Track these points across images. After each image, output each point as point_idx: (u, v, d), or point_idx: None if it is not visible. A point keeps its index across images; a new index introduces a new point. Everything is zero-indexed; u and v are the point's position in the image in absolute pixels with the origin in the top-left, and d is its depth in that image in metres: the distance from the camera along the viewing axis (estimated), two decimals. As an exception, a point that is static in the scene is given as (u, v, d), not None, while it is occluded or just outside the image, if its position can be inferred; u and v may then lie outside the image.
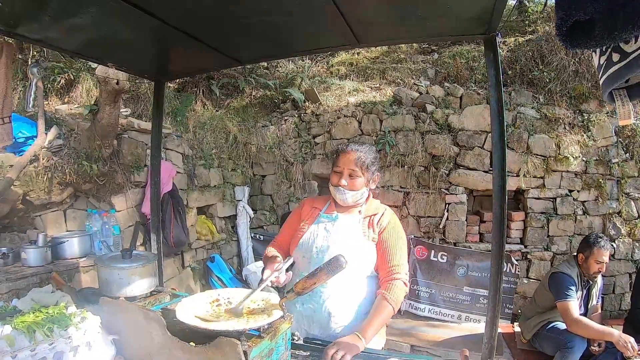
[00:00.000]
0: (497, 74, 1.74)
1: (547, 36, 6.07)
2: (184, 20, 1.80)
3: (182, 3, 1.63)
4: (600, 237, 3.61)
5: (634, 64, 0.98)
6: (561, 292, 3.49)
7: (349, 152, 2.18)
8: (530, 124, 5.32)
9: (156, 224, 2.54)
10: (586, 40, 0.97)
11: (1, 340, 1.28)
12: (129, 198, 4.26)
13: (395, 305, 2.04)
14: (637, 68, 0.99)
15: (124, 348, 1.54)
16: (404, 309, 5.11)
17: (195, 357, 1.33)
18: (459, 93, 5.65)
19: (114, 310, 1.59)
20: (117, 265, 1.91)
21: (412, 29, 1.83)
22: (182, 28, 1.85)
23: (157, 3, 1.63)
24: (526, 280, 5.28)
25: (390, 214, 2.26)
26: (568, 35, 0.99)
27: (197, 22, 1.82)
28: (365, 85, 6.63)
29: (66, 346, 1.39)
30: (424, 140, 5.40)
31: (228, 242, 5.83)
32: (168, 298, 2.06)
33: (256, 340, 1.35)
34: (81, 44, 2.04)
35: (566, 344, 3.43)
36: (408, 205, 5.47)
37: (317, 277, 1.60)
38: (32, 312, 1.51)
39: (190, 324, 1.42)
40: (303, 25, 1.83)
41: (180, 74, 3.04)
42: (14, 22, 1.70)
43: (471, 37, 1.82)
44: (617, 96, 1.08)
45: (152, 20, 1.72)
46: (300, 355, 1.82)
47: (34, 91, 2.10)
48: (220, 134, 5.85)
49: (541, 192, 5.30)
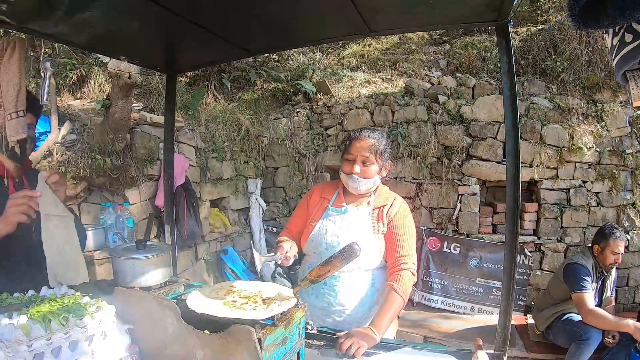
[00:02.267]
0: (510, 61, 1.72)
1: (559, 25, 5.99)
2: (194, 12, 1.80)
3: None
4: (616, 228, 3.62)
5: None
6: (576, 283, 3.48)
7: (362, 138, 2.15)
8: (544, 114, 5.27)
9: (170, 215, 2.56)
10: (598, 21, 0.96)
11: (17, 329, 1.28)
12: (142, 191, 4.30)
13: (405, 296, 2.04)
14: None
15: (139, 337, 1.55)
16: (417, 301, 5.12)
17: (210, 345, 1.34)
18: (471, 83, 5.61)
19: (128, 299, 1.60)
20: (132, 255, 1.93)
21: (422, 17, 1.81)
22: (192, 19, 1.85)
23: None
24: (539, 272, 5.26)
25: (400, 202, 2.24)
26: (580, 16, 0.99)
27: (207, 13, 1.82)
28: (377, 76, 6.62)
29: (81, 335, 1.39)
30: (436, 131, 5.38)
31: (241, 234, 5.86)
32: (182, 288, 2.08)
33: (270, 328, 1.36)
34: (92, 39, 2.05)
35: (582, 336, 3.42)
36: (421, 197, 5.47)
37: (331, 265, 1.60)
38: (47, 301, 1.52)
39: (205, 313, 1.43)
40: (312, 14, 1.82)
41: (191, 66, 3.05)
42: (25, 17, 1.72)
43: (482, 24, 1.80)
44: (630, 77, 1.06)
45: (162, 12, 1.72)
46: (314, 344, 1.85)
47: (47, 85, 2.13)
48: (232, 126, 5.88)
49: (554, 183, 5.26)
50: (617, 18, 0.93)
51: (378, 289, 2.17)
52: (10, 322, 1.33)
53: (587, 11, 0.98)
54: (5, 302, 1.55)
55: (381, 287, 2.17)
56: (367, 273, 2.16)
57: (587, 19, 0.99)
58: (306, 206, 2.36)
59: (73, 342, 1.37)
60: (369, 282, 2.17)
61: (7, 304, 1.53)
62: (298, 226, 2.34)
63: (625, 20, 0.96)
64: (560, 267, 3.91)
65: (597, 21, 0.97)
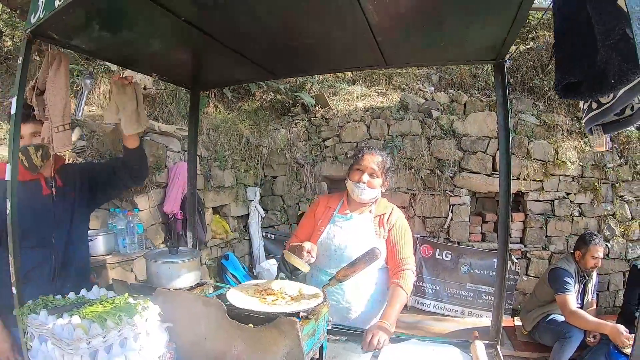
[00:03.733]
0: (505, 95, 1.99)
1: (547, 45, 6.31)
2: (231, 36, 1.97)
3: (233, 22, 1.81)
4: (595, 235, 3.95)
5: (607, 111, 1.37)
6: (560, 286, 3.75)
7: (373, 154, 2.43)
8: (531, 130, 5.56)
9: (192, 222, 2.75)
10: (575, 95, 1.33)
11: (78, 329, 1.40)
12: (151, 198, 4.45)
13: (408, 291, 2.31)
14: (609, 113, 1.37)
15: (175, 335, 1.71)
16: (411, 305, 5.34)
17: (254, 337, 1.53)
18: (463, 100, 5.89)
19: (169, 299, 1.75)
20: (167, 259, 2.10)
21: (433, 55, 2.08)
22: (227, 43, 2.03)
23: (210, 20, 1.80)
24: (525, 278, 5.53)
25: (397, 212, 2.51)
26: (563, 90, 1.35)
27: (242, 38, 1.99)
28: (372, 90, 6.86)
29: (131, 332, 1.52)
30: (430, 145, 5.64)
31: (240, 240, 6.01)
32: (211, 290, 2.27)
33: (305, 321, 1.58)
34: (129, 57, 2.23)
35: (564, 335, 3.67)
36: (414, 206, 5.70)
37: (356, 266, 1.85)
38: (99, 302, 1.63)
39: (249, 309, 1.63)
40: (340, 48, 2.04)
41: (216, 84, 3.21)
42: (70, 34, 1.86)
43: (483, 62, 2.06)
44: (594, 131, 1.50)
45: (199, 34, 1.89)
46: (330, 339, 2.08)
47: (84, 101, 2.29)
48: (233, 136, 6.03)
49: (540, 195, 5.53)
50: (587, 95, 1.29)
51: (381, 289, 2.43)
52: (69, 322, 1.46)
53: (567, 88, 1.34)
54: (52, 304, 1.65)
55: (383, 287, 2.43)
56: (370, 273, 2.40)
57: (567, 92, 1.35)
58: (313, 215, 2.61)
59: (123, 339, 1.51)
60: (374, 282, 2.42)
61: (54, 305, 1.64)
62: (306, 233, 2.58)
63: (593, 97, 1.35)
64: (546, 272, 4.20)
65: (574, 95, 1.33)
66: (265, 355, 1.51)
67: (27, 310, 1.58)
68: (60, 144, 1.95)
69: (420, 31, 1.74)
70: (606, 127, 1.48)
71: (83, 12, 1.65)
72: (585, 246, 3.89)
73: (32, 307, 1.60)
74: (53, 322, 1.47)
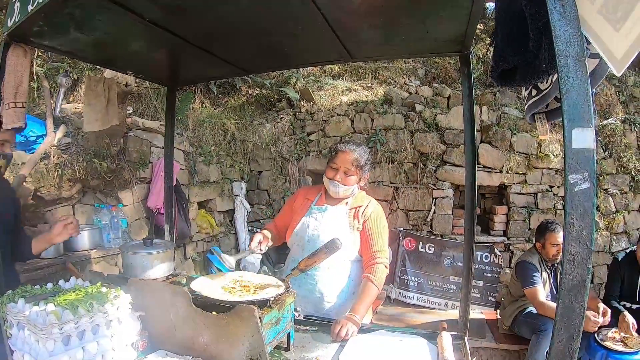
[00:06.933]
0: (470, 86, 2.03)
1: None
2: (199, 37, 2.03)
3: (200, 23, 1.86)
4: (551, 222, 3.94)
5: (546, 97, 1.39)
6: (527, 279, 3.77)
7: (347, 152, 2.43)
8: (514, 123, 5.61)
9: (169, 215, 2.80)
10: (511, 82, 1.35)
11: (50, 315, 1.45)
12: (135, 193, 4.49)
13: (379, 285, 2.33)
14: (548, 99, 1.39)
15: (148, 323, 1.76)
16: (394, 297, 5.41)
17: (217, 324, 1.59)
18: (447, 93, 5.94)
19: (141, 288, 1.80)
20: (141, 251, 2.16)
21: (397, 48, 2.12)
22: (197, 43, 2.09)
23: (178, 22, 1.86)
24: (509, 270, 5.51)
25: (374, 204, 2.53)
26: (499, 78, 1.37)
27: (211, 39, 2.06)
28: (358, 84, 6.89)
29: (103, 320, 1.56)
30: (413, 138, 5.69)
31: (226, 235, 6.06)
32: (184, 280, 2.31)
33: (267, 309, 1.63)
34: (107, 56, 2.28)
35: (540, 327, 3.68)
36: (397, 200, 5.75)
37: (317, 257, 1.90)
38: (72, 291, 1.68)
39: (212, 297, 1.69)
40: (304, 44, 2.09)
41: (191, 81, 3.27)
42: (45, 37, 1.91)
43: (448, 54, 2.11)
44: (537, 118, 1.47)
45: (169, 36, 1.95)
46: (301, 329, 2.13)
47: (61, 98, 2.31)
48: (219, 131, 6.07)
49: (523, 188, 5.58)
50: (522, 82, 1.32)
51: (354, 280, 2.46)
52: (44, 309, 1.50)
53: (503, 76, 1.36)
54: (30, 292, 1.71)
55: (357, 278, 2.45)
56: (343, 265, 2.43)
57: (503, 80, 1.39)
58: (291, 205, 2.66)
59: (95, 326, 1.56)
60: (346, 273, 2.45)
61: (31, 294, 1.69)
62: (283, 222, 2.65)
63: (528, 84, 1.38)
64: (513, 267, 4.23)
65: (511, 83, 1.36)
66: (230, 342, 1.56)
67: (7, 299, 1.62)
68: (9, 119, 1.95)
69: (376, 27, 1.79)
70: (550, 115, 1.51)
71: (54, 17, 1.69)
72: (543, 236, 3.90)
73: (12, 296, 1.64)
74: (29, 309, 1.51)
